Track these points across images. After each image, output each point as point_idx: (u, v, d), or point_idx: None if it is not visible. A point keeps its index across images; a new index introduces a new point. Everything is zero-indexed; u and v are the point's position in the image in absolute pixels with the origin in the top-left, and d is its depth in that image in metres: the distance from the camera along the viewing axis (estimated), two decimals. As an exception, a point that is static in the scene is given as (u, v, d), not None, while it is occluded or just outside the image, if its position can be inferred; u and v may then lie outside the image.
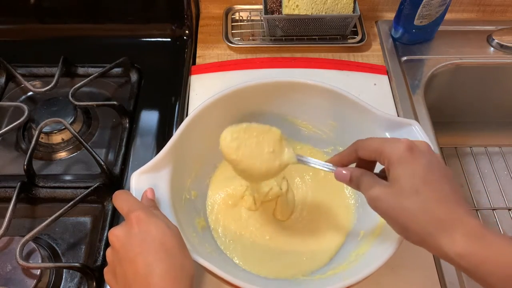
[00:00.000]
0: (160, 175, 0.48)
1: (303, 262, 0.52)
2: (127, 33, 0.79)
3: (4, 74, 0.73)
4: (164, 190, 0.47)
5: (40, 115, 0.64)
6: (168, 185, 0.48)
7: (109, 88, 0.73)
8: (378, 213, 0.40)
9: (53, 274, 0.53)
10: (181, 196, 0.52)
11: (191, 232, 0.49)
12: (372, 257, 0.45)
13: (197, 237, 0.51)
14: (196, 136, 0.53)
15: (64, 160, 0.64)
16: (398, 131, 0.51)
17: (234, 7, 0.84)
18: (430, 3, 0.70)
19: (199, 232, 0.52)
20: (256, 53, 0.78)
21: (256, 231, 0.55)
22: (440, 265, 0.55)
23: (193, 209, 0.54)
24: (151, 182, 0.47)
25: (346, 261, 0.49)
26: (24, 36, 0.79)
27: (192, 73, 0.74)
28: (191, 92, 0.72)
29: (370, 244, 0.48)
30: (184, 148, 0.51)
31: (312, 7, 0.72)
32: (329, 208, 0.57)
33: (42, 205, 0.59)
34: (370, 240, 0.48)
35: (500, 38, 0.78)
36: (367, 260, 0.45)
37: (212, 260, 0.43)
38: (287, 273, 0.51)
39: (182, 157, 0.51)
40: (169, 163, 0.49)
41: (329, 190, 0.58)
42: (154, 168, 0.48)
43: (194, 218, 0.54)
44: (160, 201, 0.46)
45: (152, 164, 0.48)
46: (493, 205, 0.72)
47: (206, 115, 0.53)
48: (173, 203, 0.47)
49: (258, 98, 0.57)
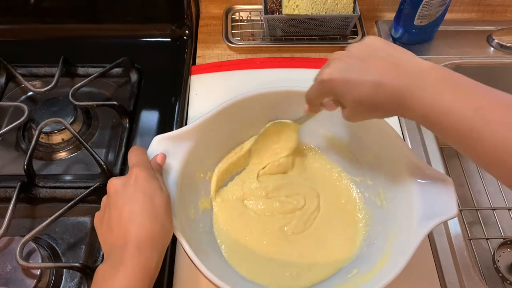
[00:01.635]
0: (180, 146, 0.49)
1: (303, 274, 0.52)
2: (127, 33, 0.79)
3: (4, 74, 0.73)
4: (177, 160, 0.48)
5: (40, 115, 0.64)
6: (184, 157, 0.49)
7: (109, 88, 0.73)
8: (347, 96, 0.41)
9: (53, 274, 0.53)
10: (195, 172, 0.53)
11: (190, 208, 0.51)
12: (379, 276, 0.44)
13: (195, 215, 0.52)
14: (228, 124, 0.54)
15: (64, 160, 0.64)
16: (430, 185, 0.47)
17: (234, 7, 0.84)
18: (430, 3, 0.70)
19: (198, 211, 0.53)
20: (256, 53, 0.78)
21: (258, 236, 0.55)
22: (440, 265, 0.55)
23: (202, 189, 0.55)
24: (169, 149, 0.48)
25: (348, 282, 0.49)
26: (24, 36, 0.79)
27: (192, 73, 0.74)
28: (191, 92, 0.72)
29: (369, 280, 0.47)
30: (214, 131, 0.52)
31: (312, 7, 0.72)
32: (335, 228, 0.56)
33: (42, 205, 0.59)
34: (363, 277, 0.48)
35: (500, 38, 0.78)
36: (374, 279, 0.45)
37: (196, 241, 0.44)
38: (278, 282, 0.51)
39: (209, 138, 0.52)
40: (193, 138, 0.50)
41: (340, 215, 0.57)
42: (178, 138, 0.49)
43: (200, 197, 0.54)
44: (169, 169, 0.47)
45: (176, 133, 0.49)
46: (493, 205, 0.72)
47: (243, 106, 0.54)
48: (182, 175, 0.48)
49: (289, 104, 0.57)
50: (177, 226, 0.43)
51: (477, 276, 0.54)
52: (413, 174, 0.48)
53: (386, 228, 0.51)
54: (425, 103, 0.37)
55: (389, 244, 0.48)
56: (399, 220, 0.49)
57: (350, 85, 0.40)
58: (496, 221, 0.69)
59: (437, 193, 0.46)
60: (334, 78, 0.41)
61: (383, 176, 0.53)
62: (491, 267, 0.65)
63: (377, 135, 0.53)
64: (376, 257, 0.48)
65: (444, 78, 0.37)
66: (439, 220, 0.44)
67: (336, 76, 0.41)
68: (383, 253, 0.47)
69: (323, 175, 0.60)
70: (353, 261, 0.52)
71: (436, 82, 0.37)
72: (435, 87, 0.37)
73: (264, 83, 0.68)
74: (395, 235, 0.48)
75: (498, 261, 0.65)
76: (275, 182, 0.59)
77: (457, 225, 0.58)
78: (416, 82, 0.38)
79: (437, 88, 0.37)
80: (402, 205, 0.49)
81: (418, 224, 0.44)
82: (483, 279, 0.54)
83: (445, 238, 0.57)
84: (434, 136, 0.67)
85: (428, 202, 0.46)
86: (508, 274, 0.64)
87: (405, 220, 0.47)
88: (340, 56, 0.42)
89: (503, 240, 0.66)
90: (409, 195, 0.47)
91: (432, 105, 0.37)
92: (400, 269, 0.42)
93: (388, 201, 0.52)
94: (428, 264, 0.55)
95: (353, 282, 0.48)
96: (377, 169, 0.55)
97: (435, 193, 0.46)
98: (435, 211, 0.45)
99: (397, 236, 0.47)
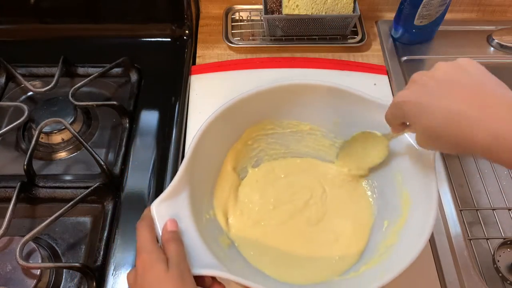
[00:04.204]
0: (179, 200, 0.47)
1: (335, 263, 0.52)
2: (127, 33, 0.79)
3: (4, 74, 0.73)
4: (186, 215, 0.46)
5: (40, 115, 0.64)
6: (189, 209, 0.47)
7: (109, 88, 0.73)
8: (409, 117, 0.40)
9: (53, 274, 0.53)
10: (201, 217, 0.51)
11: (219, 252, 0.48)
12: (404, 249, 0.45)
13: (225, 255, 0.50)
14: (206, 153, 0.52)
15: (64, 160, 0.64)
16: None
17: (234, 7, 0.84)
18: (430, 3, 0.70)
19: (225, 250, 0.51)
20: (256, 53, 0.78)
21: (281, 242, 0.55)
22: (440, 265, 0.55)
23: (215, 228, 0.53)
24: (171, 209, 0.46)
25: (376, 254, 0.49)
26: (24, 36, 0.79)
27: (192, 73, 0.74)
28: (191, 92, 0.72)
29: (397, 235, 0.48)
30: (197, 167, 0.50)
31: (312, 7, 0.72)
32: (348, 206, 0.57)
33: (42, 205, 0.59)
34: (396, 231, 0.48)
35: (500, 38, 0.78)
36: (399, 252, 0.45)
37: (244, 275, 0.42)
38: (320, 277, 0.51)
39: (197, 177, 0.50)
40: (185, 186, 0.48)
41: (345, 189, 0.58)
42: (172, 194, 0.46)
43: (218, 237, 0.53)
44: (185, 229, 0.45)
45: (169, 191, 0.46)
46: (493, 205, 0.72)
47: (213, 131, 0.52)
48: (197, 227, 0.46)
49: (262, 105, 0.56)
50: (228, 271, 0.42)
51: (477, 276, 0.54)
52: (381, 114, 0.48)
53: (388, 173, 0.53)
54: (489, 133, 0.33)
55: (400, 187, 0.50)
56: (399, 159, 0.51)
57: (422, 109, 0.37)
58: (496, 221, 0.69)
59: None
60: (408, 101, 0.39)
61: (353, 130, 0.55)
62: (491, 267, 0.65)
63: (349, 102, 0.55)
64: (397, 203, 0.50)
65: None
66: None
67: (410, 98, 0.38)
68: (401, 196, 0.49)
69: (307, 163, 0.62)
70: (376, 216, 0.54)
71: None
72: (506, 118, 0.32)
73: (264, 83, 0.67)
74: (402, 175, 0.50)
75: (498, 261, 0.65)
76: (273, 191, 0.59)
77: (457, 225, 0.58)
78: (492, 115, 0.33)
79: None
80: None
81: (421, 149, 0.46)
82: (483, 279, 0.54)
83: (445, 238, 0.57)
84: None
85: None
86: (508, 274, 0.64)
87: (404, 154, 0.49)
88: (421, 76, 0.39)
89: (503, 240, 0.66)
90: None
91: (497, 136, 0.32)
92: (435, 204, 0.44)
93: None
94: (428, 264, 0.55)
95: (392, 233, 0.49)
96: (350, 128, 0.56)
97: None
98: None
99: (405, 176, 0.50)
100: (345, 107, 0.55)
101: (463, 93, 0.35)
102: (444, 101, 0.35)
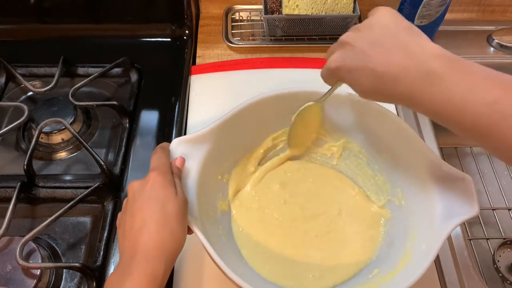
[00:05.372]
0: (198, 148, 0.49)
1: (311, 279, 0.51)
2: (127, 33, 0.79)
3: (4, 74, 0.73)
4: (196, 162, 0.49)
5: (40, 115, 0.64)
6: (202, 159, 0.49)
7: (109, 88, 0.73)
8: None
9: (53, 274, 0.52)
10: (212, 174, 0.53)
11: (210, 210, 0.51)
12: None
13: (214, 217, 0.52)
14: (243, 126, 0.54)
15: (64, 160, 0.64)
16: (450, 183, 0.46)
17: (234, 7, 0.84)
18: (430, 3, 0.70)
19: (217, 213, 0.53)
20: (256, 53, 0.78)
21: (280, 239, 0.54)
22: (440, 265, 0.55)
23: (219, 190, 0.55)
24: (188, 151, 0.48)
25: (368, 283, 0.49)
26: (24, 36, 0.79)
27: (192, 73, 0.74)
28: (191, 92, 0.72)
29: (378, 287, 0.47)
30: (231, 131, 0.52)
31: (312, 7, 0.72)
32: (351, 239, 0.55)
33: (42, 205, 0.59)
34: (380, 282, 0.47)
35: (500, 38, 0.78)
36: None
37: (216, 242, 0.43)
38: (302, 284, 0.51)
39: (225, 140, 0.52)
40: (209, 141, 0.50)
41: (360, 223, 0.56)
42: (194, 140, 0.49)
43: (218, 200, 0.54)
44: (188, 172, 0.48)
45: (193, 136, 0.49)
46: (493, 205, 0.72)
47: (259, 108, 0.53)
48: (201, 177, 0.48)
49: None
50: (198, 227, 0.43)
51: (477, 276, 0.54)
52: (431, 171, 0.47)
53: (406, 228, 0.50)
54: (435, 99, 0.35)
55: (409, 244, 0.47)
56: (419, 220, 0.48)
57: (354, 74, 0.40)
58: (496, 221, 0.69)
59: (456, 191, 0.45)
60: (339, 66, 0.42)
61: (401, 175, 0.52)
62: (491, 267, 0.65)
63: (392, 132, 0.52)
64: (396, 257, 0.48)
65: (453, 67, 0.35)
66: (460, 219, 0.43)
67: (340, 64, 0.41)
68: (404, 252, 0.47)
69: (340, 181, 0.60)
70: (374, 261, 0.52)
71: (441, 71, 0.35)
72: (441, 79, 0.35)
73: (264, 83, 0.68)
74: (415, 235, 0.47)
75: (498, 261, 0.65)
76: (293, 189, 0.59)
77: (457, 225, 0.58)
78: (420, 74, 0.36)
79: (446, 81, 0.34)
80: (422, 204, 0.48)
81: (440, 224, 0.43)
82: (483, 279, 0.54)
83: (445, 238, 0.57)
84: (433, 136, 0.67)
85: (448, 201, 0.45)
86: (508, 274, 0.64)
87: (426, 219, 0.46)
88: (347, 39, 0.42)
89: (503, 240, 0.66)
90: (428, 194, 0.46)
91: (443, 101, 0.35)
92: (423, 271, 0.41)
93: (407, 200, 0.52)
94: (428, 264, 0.55)
95: (374, 282, 0.47)
96: (395, 169, 0.53)
97: (454, 191, 0.45)
98: (455, 210, 0.44)
99: (418, 236, 0.47)
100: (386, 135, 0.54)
101: (388, 53, 0.38)
102: (370, 64, 0.38)
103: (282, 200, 0.58)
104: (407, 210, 0.51)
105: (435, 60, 0.36)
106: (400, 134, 0.51)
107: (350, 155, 0.59)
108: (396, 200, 0.54)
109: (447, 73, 0.35)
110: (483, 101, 0.33)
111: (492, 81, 0.34)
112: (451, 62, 0.35)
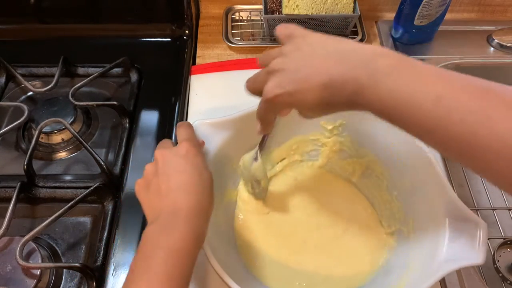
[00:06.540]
0: (217, 133, 0.50)
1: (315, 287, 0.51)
2: (127, 33, 0.79)
3: (4, 74, 0.73)
4: (213, 147, 0.50)
5: (40, 115, 0.64)
6: (219, 145, 0.50)
7: (109, 88, 0.73)
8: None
9: (53, 274, 0.53)
10: (227, 162, 0.53)
11: (216, 196, 0.50)
12: None
13: (218, 203, 0.51)
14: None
15: (64, 160, 0.64)
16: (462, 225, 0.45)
17: (234, 7, 0.84)
18: (430, 3, 0.70)
19: (222, 200, 0.54)
20: (256, 53, 0.78)
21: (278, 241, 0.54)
22: (440, 265, 0.55)
23: (231, 179, 0.56)
24: (207, 134, 0.49)
25: None
26: (24, 36, 0.79)
27: (192, 73, 0.74)
28: (191, 92, 0.72)
29: None
30: (251, 126, 0.50)
31: (312, 7, 0.72)
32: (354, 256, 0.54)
33: (42, 205, 0.59)
34: None
35: (500, 38, 0.78)
36: None
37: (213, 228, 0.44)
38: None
39: (246, 132, 0.52)
40: (231, 128, 0.51)
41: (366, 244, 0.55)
42: (217, 125, 0.50)
43: (227, 188, 0.55)
44: (205, 154, 0.49)
45: (218, 121, 0.50)
46: (493, 205, 0.72)
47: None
48: (214, 162, 0.49)
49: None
50: None
51: (477, 276, 0.54)
52: (447, 209, 0.45)
53: (407, 259, 0.49)
54: (384, 97, 0.34)
55: (406, 277, 0.46)
56: (422, 253, 0.47)
57: (298, 95, 0.38)
58: (496, 221, 0.69)
59: (466, 235, 0.43)
60: (279, 94, 0.38)
61: (417, 206, 0.51)
62: (491, 267, 0.65)
63: (418, 162, 0.50)
64: (389, 285, 0.47)
65: (396, 65, 0.34)
66: (462, 264, 0.42)
67: (279, 91, 0.38)
68: (399, 284, 0.46)
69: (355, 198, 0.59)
70: (366, 285, 0.51)
71: (388, 70, 0.34)
72: (388, 76, 0.34)
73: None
74: (414, 269, 0.46)
75: (498, 261, 0.65)
76: (304, 195, 0.58)
77: (457, 225, 0.58)
78: (367, 73, 0.35)
79: (391, 78, 0.34)
80: (430, 238, 0.46)
81: (440, 262, 0.43)
82: (483, 279, 0.54)
83: (445, 238, 0.57)
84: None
85: (456, 242, 0.43)
86: (508, 274, 0.64)
87: (429, 254, 0.45)
88: (275, 66, 0.39)
89: (503, 240, 0.66)
90: (438, 230, 0.45)
91: (392, 98, 0.34)
92: None
93: (416, 232, 0.50)
94: (428, 264, 0.55)
95: None
96: (412, 198, 0.52)
97: (465, 234, 0.43)
98: (460, 253, 0.43)
99: (416, 271, 0.46)
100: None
101: (324, 64, 0.37)
102: (313, 79, 0.37)
103: (291, 204, 0.57)
104: (414, 241, 0.50)
105: (381, 58, 0.35)
106: (426, 167, 0.49)
107: (372, 175, 0.57)
108: (405, 230, 0.52)
109: (395, 70, 0.34)
110: (428, 97, 0.33)
111: (436, 77, 0.34)
112: (396, 60, 0.35)
